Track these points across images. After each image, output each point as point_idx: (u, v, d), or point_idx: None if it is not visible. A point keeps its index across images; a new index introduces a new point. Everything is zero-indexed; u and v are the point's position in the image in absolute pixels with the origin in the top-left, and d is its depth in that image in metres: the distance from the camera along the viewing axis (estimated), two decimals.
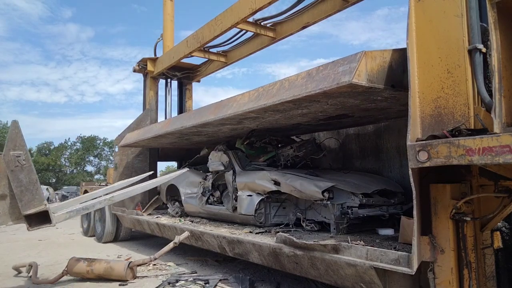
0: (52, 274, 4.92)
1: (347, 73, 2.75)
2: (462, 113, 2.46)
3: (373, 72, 2.82)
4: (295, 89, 3.23)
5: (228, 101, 4.36)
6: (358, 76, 2.70)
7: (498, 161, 2.00)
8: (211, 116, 4.48)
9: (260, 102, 3.64)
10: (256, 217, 4.64)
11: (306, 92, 3.08)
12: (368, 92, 3.01)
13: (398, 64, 2.97)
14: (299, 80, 3.29)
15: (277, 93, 3.47)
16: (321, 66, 3.17)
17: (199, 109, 5.14)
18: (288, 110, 3.74)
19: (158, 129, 5.99)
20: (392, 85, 2.93)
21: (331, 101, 3.32)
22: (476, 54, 2.45)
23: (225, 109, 4.23)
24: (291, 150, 5.17)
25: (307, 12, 5.47)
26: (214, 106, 4.64)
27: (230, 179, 5.14)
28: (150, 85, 8.17)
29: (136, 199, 7.37)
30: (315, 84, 3.04)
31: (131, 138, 6.95)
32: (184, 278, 4.48)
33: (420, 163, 2.32)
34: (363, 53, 2.78)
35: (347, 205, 3.90)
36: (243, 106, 3.90)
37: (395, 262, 2.54)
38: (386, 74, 2.89)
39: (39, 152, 47.94)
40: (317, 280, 3.49)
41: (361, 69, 2.73)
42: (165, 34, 8.19)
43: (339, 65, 2.91)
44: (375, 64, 2.84)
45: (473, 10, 2.49)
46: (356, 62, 2.74)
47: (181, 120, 5.36)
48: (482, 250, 2.62)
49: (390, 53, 2.95)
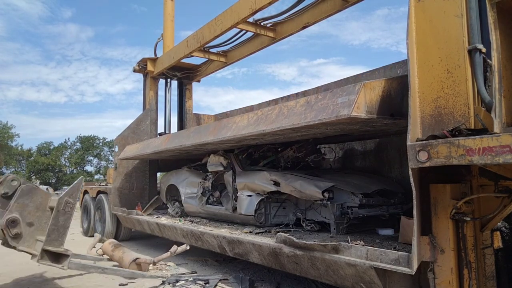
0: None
1: (346, 105, 2.75)
2: (462, 113, 2.46)
3: (372, 103, 2.81)
4: (294, 117, 3.24)
5: (227, 121, 4.38)
6: (357, 108, 2.70)
7: (498, 161, 2.00)
8: (210, 137, 4.51)
9: (259, 128, 3.66)
10: (256, 217, 4.64)
11: (305, 122, 3.09)
12: (367, 121, 3.00)
13: (397, 92, 2.98)
14: (298, 108, 3.29)
15: (276, 119, 3.48)
16: (320, 94, 3.17)
17: (198, 128, 5.15)
18: (287, 134, 3.78)
19: (157, 145, 6.01)
20: (391, 114, 2.93)
21: (330, 127, 3.35)
22: (476, 54, 2.45)
23: (224, 131, 4.26)
24: (291, 151, 5.17)
25: (307, 12, 5.47)
26: (213, 126, 4.66)
27: (229, 179, 5.14)
28: (150, 85, 8.17)
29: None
30: (314, 114, 3.03)
31: (130, 151, 6.98)
32: (184, 278, 4.48)
33: (420, 163, 2.32)
34: (361, 84, 2.77)
35: (347, 205, 3.90)
36: (242, 129, 3.93)
37: (395, 262, 2.54)
38: (385, 104, 2.89)
39: (39, 152, 47.92)
40: (317, 280, 3.49)
41: (360, 101, 2.73)
42: (165, 34, 8.19)
43: (338, 95, 2.90)
44: (374, 94, 2.84)
45: (473, 10, 2.49)
46: (355, 94, 2.74)
47: (180, 138, 5.37)
48: (482, 250, 2.62)
49: (389, 82, 2.95)
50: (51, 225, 3.73)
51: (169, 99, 8.41)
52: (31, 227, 3.87)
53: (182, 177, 6.42)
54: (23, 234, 3.82)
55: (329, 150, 5.87)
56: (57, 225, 3.75)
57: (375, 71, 5.23)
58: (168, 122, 8.35)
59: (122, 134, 7.72)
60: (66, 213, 3.81)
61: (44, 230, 3.84)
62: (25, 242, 3.83)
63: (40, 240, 3.82)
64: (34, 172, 44.50)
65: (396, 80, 3.00)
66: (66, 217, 3.81)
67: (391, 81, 2.97)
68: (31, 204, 3.90)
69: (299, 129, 3.29)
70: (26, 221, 3.85)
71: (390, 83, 2.95)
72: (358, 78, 5.48)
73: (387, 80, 2.96)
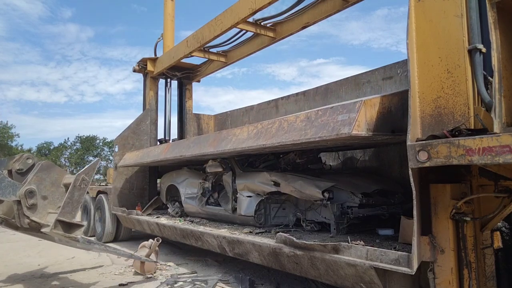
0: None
1: (346, 123, 2.74)
2: (462, 113, 2.46)
3: (373, 120, 2.81)
4: (295, 133, 3.24)
5: (227, 134, 4.39)
6: (358, 127, 2.70)
7: (498, 161, 2.00)
8: (210, 149, 4.53)
9: (259, 142, 3.67)
10: (256, 218, 4.63)
11: (305, 139, 3.09)
12: (367, 138, 3.00)
13: (398, 108, 2.97)
14: (298, 123, 3.29)
15: (276, 133, 3.48)
16: (320, 110, 3.16)
17: (198, 139, 5.15)
18: (287, 148, 3.81)
19: (156, 154, 6.03)
20: (392, 131, 2.93)
21: (330, 142, 3.35)
22: (476, 54, 2.45)
23: (224, 143, 4.28)
24: (292, 154, 5.15)
25: (307, 12, 5.46)
26: (213, 137, 4.66)
27: (229, 180, 5.14)
28: (150, 85, 8.17)
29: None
30: (314, 130, 3.03)
31: (130, 159, 6.99)
32: (183, 279, 4.48)
33: (420, 163, 2.32)
34: (362, 102, 2.76)
35: (347, 205, 3.90)
36: (242, 142, 3.94)
37: (395, 262, 2.54)
38: (385, 121, 2.89)
39: (39, 152, 47.94)
40: (317, 280, 3.49)
41: (361, 119, 2.72)
42: (165, 34, 8.18)
43: (338, 112, 2.90)
44: (374, 111, 2.83)
45: (473, 10, 2.49)
46: (355, 112, 2.73)
47: (180, 148, 5.38)
48: (482, 250, 2.62)
49: (389, 98, 2.95)
50: (67, 198, 3.96)
51: (169, 99, 8.40)
52: (45, 200, 4.10)
53: (182, 178, 6.42)
54: (38, 206, 4.05)
55: (331, 155, 5.86)
56: (72, 199, 3.99)
57: (375, 71, 5.23)
58: (168, 122, 8.34)
59: (122, 134, 7.72)
60: (81, 189, 4.05)
61: (55, 205, 4.11)
62: (38, 214, 4.05)
63: (52, 212, 4.06)
64: None
65: (397, 96, 3.00)
66: (81, 193, 4.04)
67: (391, 97, 2.97)
68: (47, 179, 4.17)
69: (300, 144, 3.30)
70: (41, 194, 4.09)
71: (390, 100, 2.95)
72: (358, 78, 5.48)
73: (387, 96, 2.95)
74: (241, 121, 8.04)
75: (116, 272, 5.19)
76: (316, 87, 6.25)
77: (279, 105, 7.03)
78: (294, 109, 6.59)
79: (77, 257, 6.30)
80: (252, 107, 7.80)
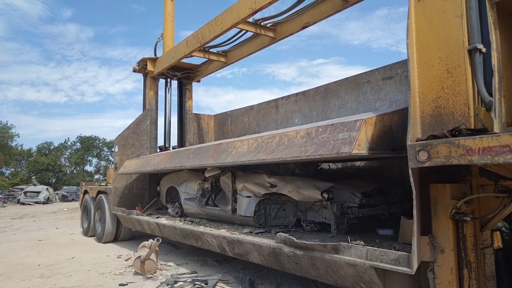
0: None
1: (347, 142, 2.73)
2: (462, 113, 2.46)
3: (374, 138, 2.80)
4: (295, 149, 3.23)
5: (227, 146, 4.39)
6: (358, 146, 2.69)
7: (498, 161, 2.00)
8: (210, 160, 4.54)
9: (259, 156, 3.68)
10: (255, 219, 4.63)
11: (305, 156, 3.08)
12: (367, 156, 2.99)
13: (398, 126, 2.97)
14: (298, 139, 3.29)
15: (276, 148, 3.48)
16: (320, 127, 3.16)
17: (198, 149, 5.15)
18: (287, 162, 3.82)
19: (156, 163, 6.05)
20: (392, 149, 2.92)
21: (331, 159, 3.36)
22: (476, 54, 2.44)
23: (224, 155, 4.29)
24: (292, 164, 5.13)
25: (307, 12, 5.46)
26: (213, 149, 4.67)
27: (227, 181, 5.14)
28: (150, 85, 8.17)
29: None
30: (314, 148, 3.02)
31: (130, 167, 7.00)
32: (183, 279, 4.48)
33: (420, 163, 2.32)
34: (362, 121, 2.76)
35: (347, 205, 3.89)
36: (242, 156, 3.95)
37: (395, 262, 2.54)
38: (386, 139, 2.88)
39: (39, 152, 47.94)
40: (317, 280, 3.49)
41: (361, 138, 2.72)
42: (165, 34, 8.18)
43: (339, 130, 2.89)
44: (375, 130, 2.83)
45: (473, 10, 2.49)
46: (356, 131, 2.73)
47: (180, 158, 5.39)
48: (482, 250, 2.62)
49: (390, 116, 2.94)
50: None
51: (169, 99, 8.40)
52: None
53: (182, 179, 6.41)
54: None
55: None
56: None
57: (375, 71, 5.22)
58: (168, 122, 8.35)
59: (122, 134, 7.72)
60: None
61: None
62: None
63: None
64: (34, 172, 44.51)
65: (397, 114, 2.99)
66: None
67: (392, 115, 2.96)
68: None
69: (300, 160, 3.29)
70: None
71: (391, 118, 2.94)
72: (358, 78, 5.47)
73: (388, 114, 2.95)
74: (241, 121, 8.04)
75: (116, 272, 5.19)
76: (316, 87, 6.25)
77: (279, 105, 7.03)
78: (294, 109, 6.59)
79: (77, 257, 6.30)
80: (252, 107, 7.80)
